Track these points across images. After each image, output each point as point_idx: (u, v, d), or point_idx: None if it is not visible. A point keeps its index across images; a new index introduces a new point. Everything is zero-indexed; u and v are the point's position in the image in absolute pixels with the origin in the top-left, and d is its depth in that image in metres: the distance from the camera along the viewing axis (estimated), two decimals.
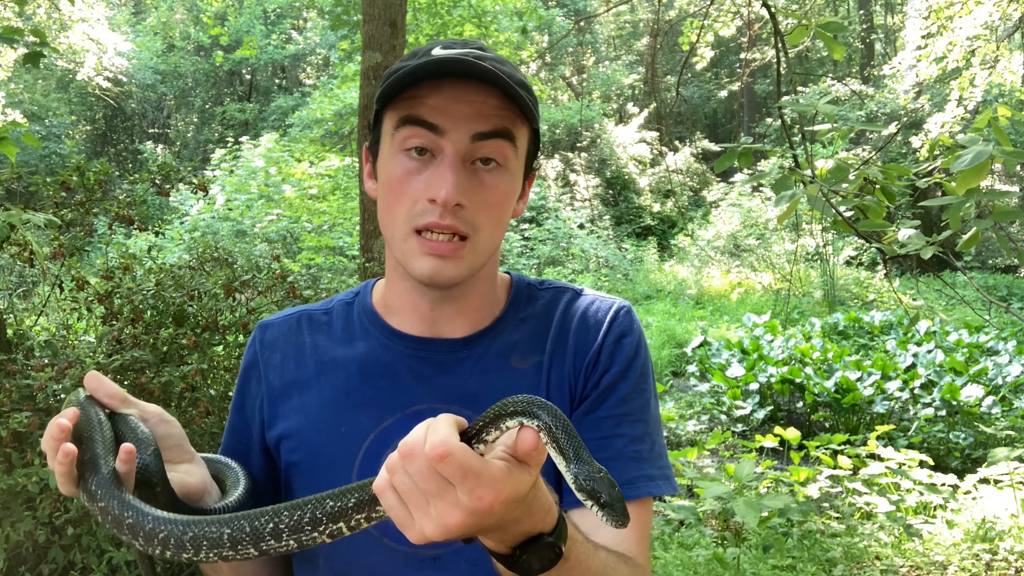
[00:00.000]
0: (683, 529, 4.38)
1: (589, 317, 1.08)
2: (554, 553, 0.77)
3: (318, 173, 12.58)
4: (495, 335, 1.08)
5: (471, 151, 0.96)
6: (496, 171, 0.98)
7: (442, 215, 0.95)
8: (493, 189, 0.98)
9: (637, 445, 1.03)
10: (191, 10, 22.54)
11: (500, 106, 0.95)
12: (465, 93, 0.94)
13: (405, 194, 0.97)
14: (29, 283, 6.52)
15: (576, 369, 1.05)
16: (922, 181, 2.92)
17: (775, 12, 4.11)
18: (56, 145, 19.50)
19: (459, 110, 0.94)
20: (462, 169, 0.95)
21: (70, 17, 17.50)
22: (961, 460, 5.98)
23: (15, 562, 2.77)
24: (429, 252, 0.97)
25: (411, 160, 0.97)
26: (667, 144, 20.64)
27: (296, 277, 3.65)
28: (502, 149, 0.98)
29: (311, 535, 0.76)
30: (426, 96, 0.95)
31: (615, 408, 1.04)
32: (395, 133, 0.98)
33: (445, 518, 0.68)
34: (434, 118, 0.94)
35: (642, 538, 1.00)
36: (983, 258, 17.51)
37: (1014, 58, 11.66)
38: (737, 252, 16.69)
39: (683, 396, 8.31)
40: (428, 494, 0.68)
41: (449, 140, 0.95)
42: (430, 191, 0.95)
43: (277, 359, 1.11)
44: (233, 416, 1.14)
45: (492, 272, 1.10)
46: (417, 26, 10.31)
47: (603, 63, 26.29)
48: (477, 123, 0.95)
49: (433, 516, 0.68)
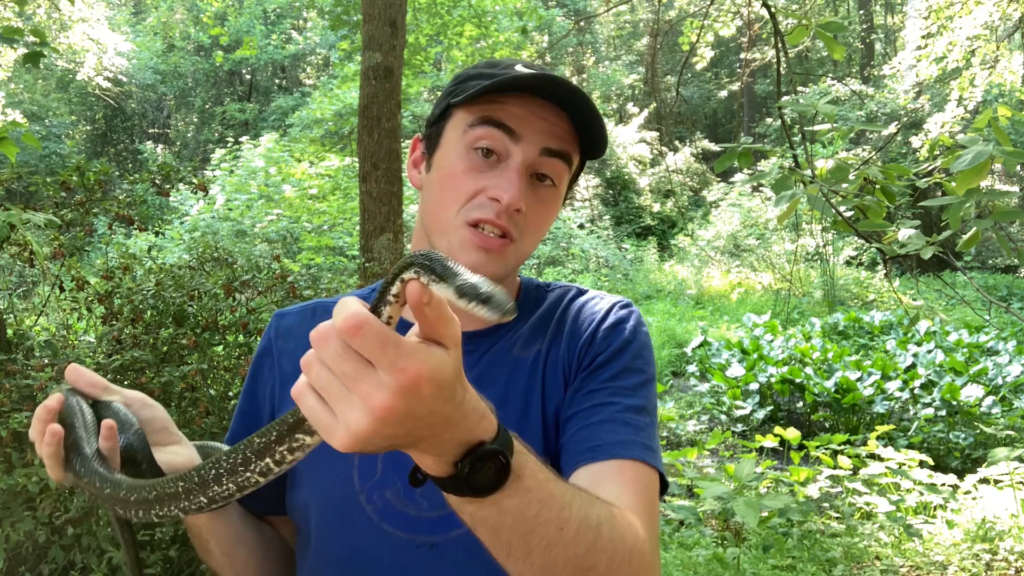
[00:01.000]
0: (683, 529, 4.38)
1: (587, 308, 1.12)
2: (500, 463, 0.71)
3: (318, 173, 12.58)
4: (503, 332, 1.10)
5: (535, 164, 1.03)
6: (549, 189, 1.06)
7: (499, 215, 1.01)
8: (543, 204, 1.05)
9: (634, 415, 1.01)
10: (191, 10, 22.54)
11: (569, 130, 1.04)
12: (543, 110, 1.02)
13: (466, 188, 1.03)
14: (29, 283, 6.52)
15: (570, 353, 1.07)
16: (922, 181, 2.92)
17: (775, 12, 4.11)
18: (56, 145, 19.50)
19: (536, 123, 1.02)
20: (526, 179, 1.03)
21: (70, 17, 17.51)
22: (961, 460, 5.98)
23: (15, 562, 2.77)
24: (479, 245, 1.02)
25: (478, 158, 1.03)
26: (667, 144, 20.64)
27: (296, 277, 3.64)
28: (559, 170, 1.06)
29: (245, 475, 0.77)
30: (507, 103, 1.02)
31: (609, 381, 1.03)
32: (468, 130, 1.03)
33: (370, 401, 0.62)
34: (513, 123, 1.01)
35: (641, 503, 0.94)
36: (983, 258, 17.52)
37: (1014, 58, 11.66)
38: (737, 252, 16.69)
39: (683, 396, 8.31)
40: (347, 378, 0.63)
41: (521, 148, 1.02)
42: (495, 191, 1.01)
43: (291, 347, 1.14)
44: (243, 401, 1.17)
45: (514, 279, 1.17)
46: (417, 26, 10.31)
47: (603, 63, 26.30)
48: (549, 139, 1.02)
49: (356, 404, 0.62)
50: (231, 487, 0.78)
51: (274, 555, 1.13)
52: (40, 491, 2.69)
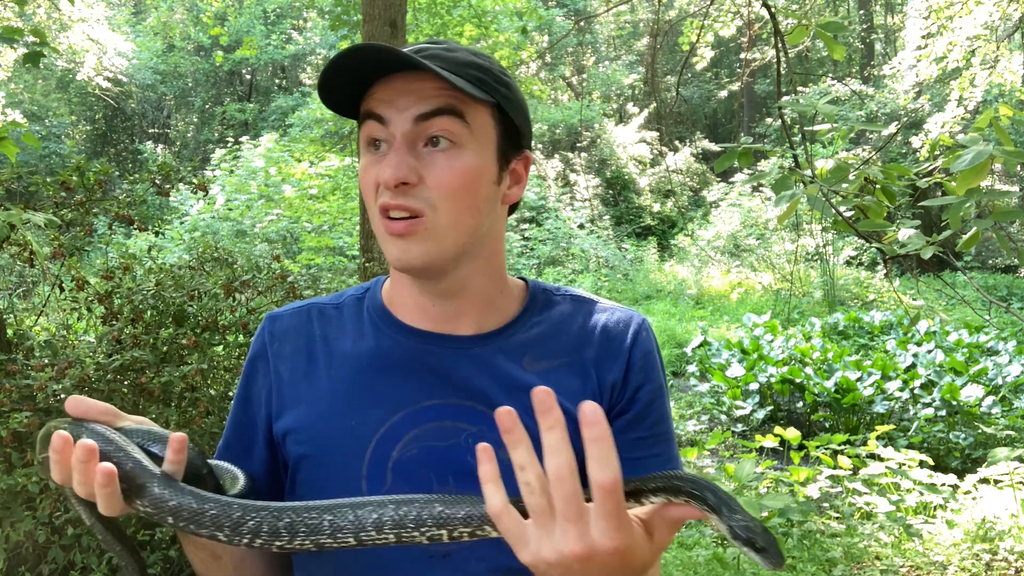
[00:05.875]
0: (683, 529, 4.38)
1: (610, 330, 1.09)
2: None
3: (318, 173, 12.58)
4: (509, 335, 1.07)
5: (417, 133, 0.97)
6: (449, 150, 0.98)
7: (393, 195, 0.97)
8: (446, 167, 0.97)
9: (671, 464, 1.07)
10: (191, 10, 22.54)
11: (442, 87, 0.96)
12: (409, 83, 0.97)
13: (369, 183, 1.00)
14: (29, 283, 6.52)
15: (601, 384, 1.05)
16: (922, 181, 2.92)
17: (775, 12, 4.11)
18: (56, 145, 19.49)
19: (401, 100, 0.97)
20: (407, 151, 0.97)
21: (70, 17, 17.50)
22: (961, 460, 5.98)
23: (15, 562, 2.77)
24: (390, 233, 0.98)
25: (371, 154, 1.00)
26: (667, 144, 20.64)
27: (296, 277, 3.65)
28: (449, 126, 0.97)
29: (411, 533, 0.77)
30: (375, 92, 0.99)
31: (653, 427, 1.06)
32: (360, 132, 1.02)
33: (568, 546, 0.68)
34: (380, 109, 0.98)
35: None
36: (983, 258, 17.51)
37: (1014, 58, 11.66)
38: (737, 252, 16.68)
39: (683, 396, 8.30)
40: (564, 516, 0.68)
41: (394, 126, 0.97)
42: (379, 175, 0.97)
43: (287, 350, 1.10)
44: (236, 408, 1.12)
45: (492, 268, 1.09)
46: (417, 26, 10.31)
47: (603, 63, 26.29)
48: (419, 106, 0.96)
49: (556, 540, 0.69)
50: (390, 537, 0.77)
51: (280, 573, 1.12)
52: (40, 491, 2.69)
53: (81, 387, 2.82)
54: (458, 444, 1.00)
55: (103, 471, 0.79)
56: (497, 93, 1.00)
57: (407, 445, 1.01)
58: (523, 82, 13.43)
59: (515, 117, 1.04)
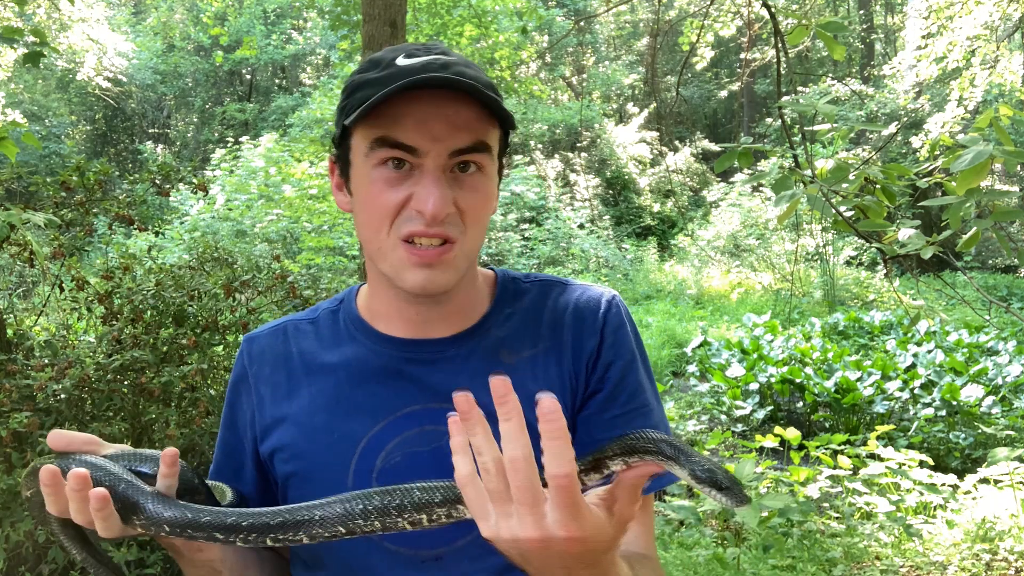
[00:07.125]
0: (683, 529, 4.38)
1: (582, 309, 1.08)
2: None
3: (318, 173, 12.58)
4: (483, 332, 1.07)
5: (450, 163, 0.95)
6: (475, 175, 0.97)
7: (428, 225, 0.94)
8: (473, 193, 0.97)
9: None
10: (191, 10, 22.53)
11: (474, 117, 0.94)
12: (438, 106, 0.93)
13: (388, 204, 0.95)
14: (29, 283, 6.52)
15: (576, 365, 1.05)
16: (922, 181, 2.92)
17: (775, 12, 4.11)
18: (56, 145, 19.50)
19: (435, 127, 0.92)
20: (444, 180, 0.94)
21: (70, 17, 17.50)
22: (961, 460, 5.98)
23: (15, 562, 2.77)
24: (419, 263, 0.95)
25: (389, 172, 0.95)
26: (667, 144, 20.64)
27: (296, 277, 3.65)
28: (479, 159, 0.97)
29: (395, 519, 0.80)
30: (399, 115, 0.92)
31: (628, 403, 1.04)
32: (369, 153, 0.96)
33: (524, 530, 0.69)
34: (410, 139, 0.92)
35: (651, 531, 1.06)
36: (983, 258, 17.51)
37: (1014, 58, 11.66)
38: (737, 252, 16.68)
39: (683, 396, 8.30)
40: (519, 502, 0.69)
41: (430, 159, 0.93)
42: (418, 203, 0.93)
43: (266, 372, 1.11)
44: (224, 432, 1.14)
45: (474, 272, 1.10)
46: (417, 26, 10.31)
47: (603, 63, 26.28)
48: (455, 139, 0.93)
49: (514, 523, 0.70)
50: (376, 525, 0.80)
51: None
52: None
53: (81, 387, 2.82)
54: (440, 447, 1.00)
55: (96, 496, 0.80)
56: (511, 116, 0.98)
57: (390, 453, 1.01)
58: (523, 82, 13.42)
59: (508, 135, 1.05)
